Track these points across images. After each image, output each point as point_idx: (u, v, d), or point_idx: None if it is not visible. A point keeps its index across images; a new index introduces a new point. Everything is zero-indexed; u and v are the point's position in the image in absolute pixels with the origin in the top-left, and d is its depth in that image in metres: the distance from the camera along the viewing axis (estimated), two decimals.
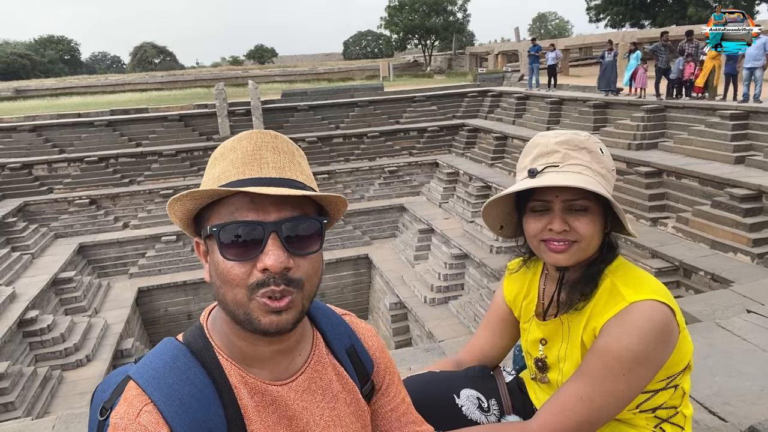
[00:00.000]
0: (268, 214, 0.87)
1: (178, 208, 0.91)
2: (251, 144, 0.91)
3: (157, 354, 0.94)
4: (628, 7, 37.14)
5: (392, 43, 51.34)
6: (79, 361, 10.93)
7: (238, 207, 0.87)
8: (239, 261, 0.86)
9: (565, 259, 1.28)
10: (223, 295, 0.89)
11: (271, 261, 0.84)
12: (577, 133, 1.31)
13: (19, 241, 14.71)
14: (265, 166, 0.89)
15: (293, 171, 0.91)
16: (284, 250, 0.86)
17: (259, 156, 0.90)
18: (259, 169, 0.88)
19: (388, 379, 1.14)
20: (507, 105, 20.81)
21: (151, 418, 0.84)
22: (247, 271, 0.86)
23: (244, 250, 0.86)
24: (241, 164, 0.89)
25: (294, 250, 0.88)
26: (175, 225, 5.13)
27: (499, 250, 12.92)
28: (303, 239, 0.89)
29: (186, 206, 0.91)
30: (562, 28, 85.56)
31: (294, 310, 0.88)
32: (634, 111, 14.42)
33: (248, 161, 0.89)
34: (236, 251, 0.86)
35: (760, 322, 3.17)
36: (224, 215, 0.88)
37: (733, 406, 2.37)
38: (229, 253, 0.86)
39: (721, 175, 10.32)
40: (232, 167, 0.89)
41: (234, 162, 0.90)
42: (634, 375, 1.19)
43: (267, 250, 0.85)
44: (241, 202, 0.87)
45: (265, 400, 0.94)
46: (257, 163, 0.89)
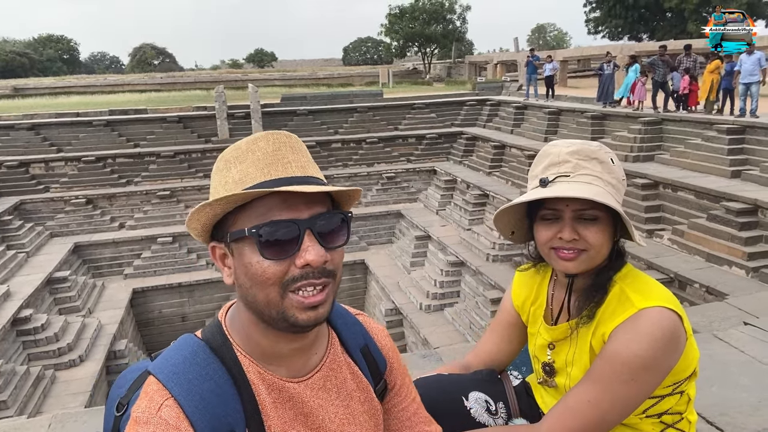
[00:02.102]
0: (301, 212, 0.89)
1: (205, 213, 0.91)
2: (270, 145, 0.92)
3: (177, 350, 0.95)
4: (627, 20, 37.42)
5: (392, 50, 51.54)
6: (72, 361, 10.86)
7: (271, 207, 0.88)
8: (277, 260, 0.88)
9: (575, 266, 1.30)
10: (254, 296, 0.90)
11: (312, 256, 0.87)
12: (589, 143, 1.33)
13: (14, 239, 14.63)
14: (289, 165, 0.91)
15: (313, 169, 0.94)
16: (321, 246, 0.89)
17: (281, 156, 0.91)
18: (284, 169, 0.90)
19: (400, 379, 1.16)
20: (505, 114, 20.91)
21: (172, 412, 0.86)
22: (283, 270, 0.88)
23: (281, 249, 0.88)
24: (264, 165, 0.90)
25: (327, 244, 0.90)
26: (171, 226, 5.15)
27: (496, 258, 12.95)
28: (333, 233, 0.92)
29: (215, 210, 0.91)
30: (560, 39, 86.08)
31: (328, 302, 0.92)
32: (632, 123, 14.51)
33: (271, 162, 0.91)
34: (274, 251, 0.88)
35: (757, 334, 3.20)
36: (254, 217, 0.89)
37: (731, 416, 2.39)
38: (268, 253, 0.88)
39: (717, 188, 10.39)
40: (255, 169, 0.90)
41: (256, 163, 0.91)
42: (641, 380, 1.21)
43: (305, 247, 0.88)
44: (273, 202, 0.88)
45: (283, 396, 0.96)
46: (281, 163, 0.91)
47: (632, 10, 36.63)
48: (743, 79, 12.31)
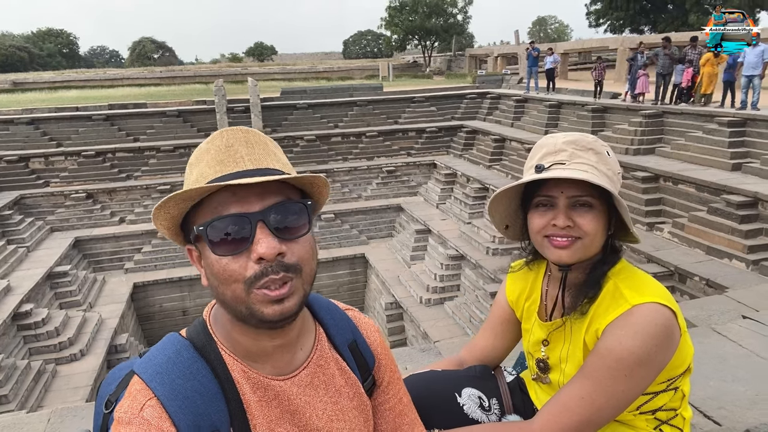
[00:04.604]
0: (252, 204, 0.87)
1: (163, 216, 0.90)
2: (223, 142, 0.91)
3: (161, 349, 0.94)
4: (629, 12, 37.25)
5: (392, 44, 51.34)
6: (73, 356, 10.91)
7: (221, 203, 0.87)
8: (232, 255, 0.86)
9: (568, 255, 1.28)
10: (223, 294, 0.89)
11: (264, 249, 0.84)
12: (585, 135, 1.33)
13: (14, 234, 14.66)
14: (241, 160, 0.89)
15: (269, 160, 0.91)
16: (274, 237, 0.86)
17: (234, 152, 0.90)
18: (235, 164, 0.88)
19: (388, 377, 1.14)
20: (506, 107, 20.85)
21: (155, 412, 0.85)
22: (242, 265, 0.86)
23: (235, 244, 0.86)
24: (216, 163, 0.89)
25: (283, 236, 0.88)
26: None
27: (496, 251, 12.95)
28: (290, 223, 0.89)
29: (170, 212, 0.90)
30: (561, 32, 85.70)
31: (296, 295, 0.89)
32: (632, 116, 14.47)
33: (223, 158, 0.89)
34: (227, 246, 0.86)
35: (755, 328, 3.19)
36: (208, 214, 0.88)
37: (728, 410, 2.38)
38: (220, 250, 0.86)
39: (717, 181, 10.37)
40: (208, 168, 0.89)
41: (209, 162, 0.90)
42: (635, 377, 1.20)
43: (257, 240, 0.85)
44: (223, 197, 0.87)
45: (268, 395, 0.95)
46: (232, 158, 0.89)
47: (634, 3, 36.49)
48: (746, 71, 12.25)
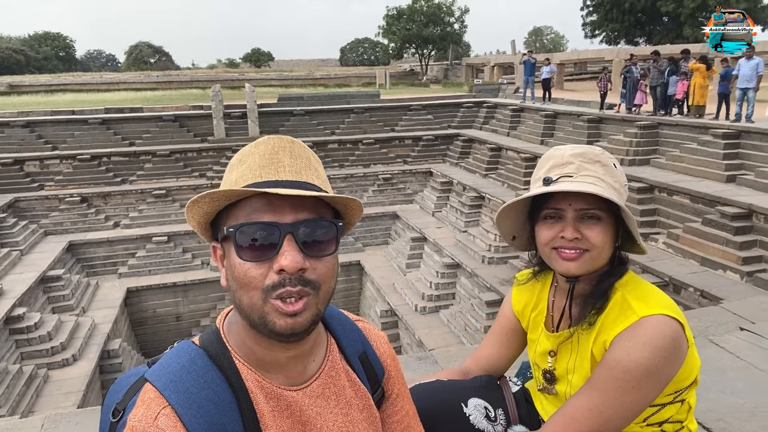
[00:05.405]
0: (284, 215, 0.88)
1: (196, 210, 0.91)
2: (268, 148, 0.92)
3: (175, 357, 0.94)
4: (624, 24, 37.56)
5: (389, 52, 51.49)
6: (66, 361, 10.80)
7: (256, 209, 0.88)
8: (255, 262, 0.87)
9: (576, 267, 1.29)
10: (239, 299, 0.89)
11: (287, 262, 0.85)
12: (592, 147, 1.34)
13: (8, 237, 14.54)
14: (282, 169, 0.90)
15: (309, 175, 0.92)
16: (300, 252, 0.87)
17: (276, 160, 0.91)
18: (275, 173, 0.90)
19: (397, 389, 1.14)
20: (502, 117, 20.94)
21: (169, 421, 0.84)
22: (263, 273, 0.87)
23: (260, 251, 0.87)
24: (258, 167, 0.90)
25: (309, 252, 0.88)
26: (166, 226, 5.19)
27: (491, 260, 12.96)
28: (318, 241, 0.90)
29: (203, 209, 0.91)
30: (557, 42, 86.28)
31: (309, 312, 0.89)
32: (628, 127, 14.57)
33: (265, 164, 0.90)
34: (252, 252, 0.87)
35: (752, 340, 3.20)
36: (241, 217, 0.89)
37: (727, 422, 2.40)
38: (245, 255, 0.87)
39: (712, 193, 10.44)
40: (249, 171, 0.90)
41: (251, 166, 0.91)
42: (643, 389, 1.20)
43: (283, 251, 0.86)
44: (258, 203, 0.88)
45: (281, 405, 0.95)
46: (274, 166, 0.90)
47: (629, 15, 36.78)
48: (740, 84, 12.35)
